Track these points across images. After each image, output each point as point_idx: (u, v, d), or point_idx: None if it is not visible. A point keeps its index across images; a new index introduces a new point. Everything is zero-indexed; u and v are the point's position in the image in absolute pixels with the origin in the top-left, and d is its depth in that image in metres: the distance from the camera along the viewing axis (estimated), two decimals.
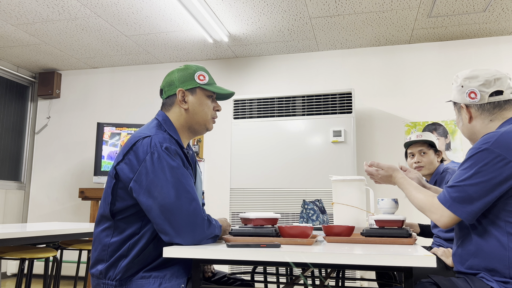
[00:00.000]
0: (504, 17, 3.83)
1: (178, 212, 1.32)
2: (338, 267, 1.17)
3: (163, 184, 1.33)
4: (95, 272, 1.42)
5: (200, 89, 1.56)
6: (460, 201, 1.31)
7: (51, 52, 4.74)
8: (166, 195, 1.32)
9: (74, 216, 5.09)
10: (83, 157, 5.18)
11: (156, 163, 1.35)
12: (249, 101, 4.19)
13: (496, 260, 1.29)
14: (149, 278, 1.37)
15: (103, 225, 1.44)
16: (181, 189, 1.34)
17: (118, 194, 1.40)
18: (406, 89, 4.40)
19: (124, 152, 1.41)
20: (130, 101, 5.14)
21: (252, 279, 2.32)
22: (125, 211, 1.40)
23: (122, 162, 1.40)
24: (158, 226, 1.33)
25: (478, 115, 1.46)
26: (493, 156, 1.28)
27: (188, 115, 1.54)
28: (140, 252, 1.39)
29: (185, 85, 1.54)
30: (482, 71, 1.46)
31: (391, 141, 4.36)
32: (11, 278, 4.98)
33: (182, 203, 1.33)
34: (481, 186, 1.28)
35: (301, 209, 2.25)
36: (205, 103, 1.56)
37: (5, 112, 5.13)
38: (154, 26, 4.05)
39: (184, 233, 1.31)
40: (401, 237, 1.50)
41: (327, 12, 3.73)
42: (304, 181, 3.92)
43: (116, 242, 1.40)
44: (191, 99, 1.54)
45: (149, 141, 1.39)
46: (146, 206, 1.34)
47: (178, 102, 1.54)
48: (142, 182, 1.35)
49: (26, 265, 4.56)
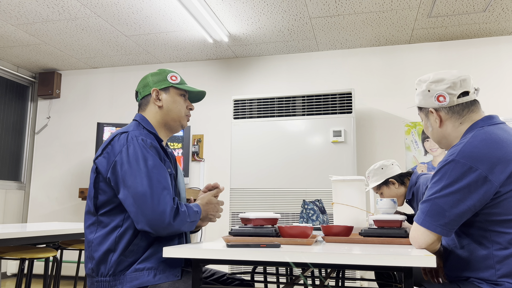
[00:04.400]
0: (504, 17, 3.83)
1: (149, 200, 1.37)
2: (338, 267, 1.17)
3: (136, 174, 1.40)
4: (87, 272, 1.45)
5: (173, 88, 1.66)
6: (432, 215, 1.29)
7: (51, 52, 4.74)
8: (139, 184, 1.38)
9: (74, 216, 5.09)
10: (83, 157, 5.18)
11: (131, 154, 1.42)
12: (249, 101, 4.19)
13: (483, 270, 1.29)
14: (142, 270, 1.40)
15: (87, 221, 1.48)
16: (154, 178, 1.40)
17: (100, 187, 1.45)
18: (406, 89, 4.40)
19: (103, 147, 1.49)
20: (130, 101, 5.14)
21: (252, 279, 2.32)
22: (107, 204, 1.44)
23: (100, 156, 1.47)
24: (132, 214, 1.38)
25: (448, 118, 1.46)
26: (460, 166, 1.27)
27: (163, 112, 1.63)
28: (128, 245, 1.41)
29: (159, 85, 1.65)
30: (446, 73, 1.46)
31: (391, 141, 4.36)
32: (11, 278, 4.98)
33: (154, 192, 1.38)
34: (452, 197, 1.26)
35: (301, 209, 2.25)
36: (178, 101, 1.66)
37: (5, 112, 5.13)
38: (154, 26, 4.05)
39: (154, 220, 1.36)
40: (399, 237, 1.50)
41: (327, 12, 3.73)
42: (304, 181, 3.92)
43: (99, 237, 1.43)
44: (165, 97, 1.64)
45: (126, 135, 1.48)
46: (122, 196, 1.40)
47: (153, 100, 1.64)
48: (117, 172, 1.41)
49: (26, 265, 4.56)
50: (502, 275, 1.26)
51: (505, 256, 1.26)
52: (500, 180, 1.25)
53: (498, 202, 1.26)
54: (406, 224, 2.06)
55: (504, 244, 1.26)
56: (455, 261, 1.38)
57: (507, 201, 1.26)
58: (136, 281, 1.38)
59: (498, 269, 1.27)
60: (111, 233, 1.42)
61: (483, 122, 1.41)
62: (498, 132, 1.34)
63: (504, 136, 1.32)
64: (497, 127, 1.38)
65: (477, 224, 1.31)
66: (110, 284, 1.39)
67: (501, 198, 1.26)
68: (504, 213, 1.26)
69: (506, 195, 1.26)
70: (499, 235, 1.27)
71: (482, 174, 1.25)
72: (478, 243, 1.31)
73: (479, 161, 1.26)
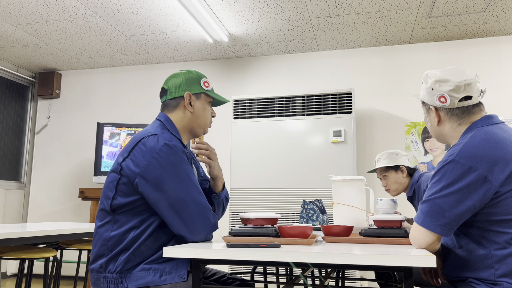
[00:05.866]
0: (504, 17, 3.83)
1: (188, 205, 1.41)
2: (338, 267, 1.17)
3: (171, 179, 1.40)
4: (95, 267, 1.44)
5: (204, 95, 1.64)
6: (431, 215, 1.29)
7: (51, 52, 4.74)
8: (175, 189, 1.40)
9: (74, 216, 5.09)
10: (83, 157, 5.18)
11: (164, 158, 1.41)
12: (249, 101, 4.19)
13: (482, 269, 1.29)
14: (149, 270, 1.40)
15: (102, 220, 1.47)
16: (189, 183, 1.43)
17: (120, 189, 1.44)
18: (406, 89, 4.40)
19: (129, 149, 1.46)
20: (130, 101, 5.14)
21: (252, 279, 2.32)
22: (126, 205, 1.43)
23: (127, 158, 1.45)
24: (167, 219, 1.40)
25: (447, 119, 1.46)
26: (460, 166, 1.27)
27: (191, 118, 1.62)
28: (140, 245, 1.42)
29: (192, 89, 1.62)
30: (452, 74, 1.45)
31: (391, 141, 4.36)
32: (11, 278, 4.98)
33: (191, 196, 1.42)
34: (451, 197, 1.27)
35: (301, 209, 2.25)
36: (207, 109, 1.65)
37: (5, 112, 5.13)
38: (154, 26, 4.05)
39: (194, 225, 1.42)
40: (399, 237, 1.50)
41: (327, 12, 3.73)
42: (304, 181, 3.92)
43: (116, 235, 1.43)
44: (197, 103, 1.62)
45: (155, 138, 1.45)
46: (153, 200, 1.40)
47: (184, 104, 1.61)
48: (149, 176, 1.40)
49: (26, 265, 4.56)
50: (500, 275, 1.26)
51: (504, 256, 1.26)
52: (500, 180, 1.25)
53: (498, 202, 1.26)
54: (406, 224, 2.07)
55: (503, 244, 1.27)
56: (453, 261, 1.38)
57: (507, 201, 1.26)
58: (141, 280, 1.39)
59: (497, 268, 1.27)
60: (127, 233, 1.42)
61: (482, 122, 1.41)
62: (497, 132, 1.34)
63: (504, 136, 1.33)
64: (496, 126, 1.38)
65: (476, 224, 1.31)
66: (116, 281, 1.40)
67: (501, 198, 1.26)
68: (503, 213, 1.26)
69: (506, 195, 1.26)
70: (498, 235, 1.27)
71: (482, 174, 1.25)
72: (477, 242, 1.31)
73: (478, 161, 1.27)
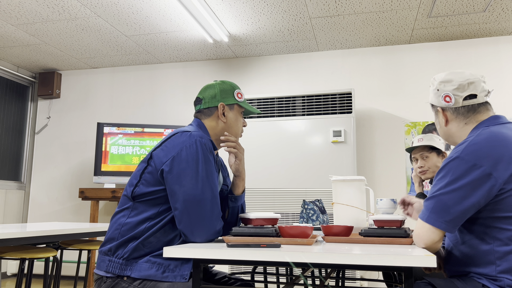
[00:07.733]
0: (504, 17, 3.83)
1: (200, 204, 1.41)
2: (338, 267, 1.17)
3: (192, 175, 1.42)
4: (104, 249, 1.47)
5: (237, 106, 1.69)
6: (436, 212, 1.30)
7: (51, 52, 4.74)
8: (193, 186, 1.42)
9: (74, 216, 5.09)
10: (83, 157, 5.18)
11: (191, 154, 1.44)
12: (249, 101, 4.19)
13: (484, 265, 1.31)
14: (154, 263, 1.42)
15: (122, 206, 1.51)
16: (207, 184, 1.44)
17: (144, 178, 1.48)
18: (406, 89, 4.40)
19: (163, 141, 1.52)
20: (130, 101, 5.14)
21: (252, 279, 2.32)
22: (146, 195, 1.47)
23: (159, 148, 1.50)
24: (176, 211, 1.42)
25: (453, 118, 1.49)
26: (464, 163, 1.29)
27: (224, 128, 1.67)
28: (151, 236, 1.44)
29: (226, 100, 1.67)
30: (456, 74, 1.48)
31: (391, 141, 4.36)
32: (11, 278, 4.98)
33: (206, 197, 1.43)
34: (456, 194, 1.28)
35: (301, 209, 2.25)
36: (239, 119, 1.70)
37: (5, 112, 5.13)
38: (154, 26, 4.05)
39: (198, 226, 1.42)
40: (399, 237, 1.50)
41: (327, 12, 3.73)
42: (304, 181, 3.92)
43: (131, 222, 1.46)
44: (230, 114, 1.67)
45: (188, 134, 1.49)
46: (170, 191, 1.43)
47: (217, 114, 1.65)
48: (173, 168, 1.43)
49: (26, 265, 4.56)
50: (502, 271, 1.28)
51: (506, 252, 1.28)
52: (504, 177, 1.27)
53: (502, 199, 1.28)
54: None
55: (505, 240, 1.28)
56: (456, 256, 1.40)
57: (510, 198, 1.27)
58: (144, 272, 1.40)
59: (498, 265, 1.28)
60: (142, 223, 1.45)
61: (489, 122, 1.43)
62: (503, 131, 1.36)
63: (510, 135, 1.34)
64: (503, 126, 1.40)
65: (479, 220, 1.32)
66: (121, 267, 1.42)
67: (505, 195, 1.28)
68: (506, 210, 1.28)
69: (510, 192, 1.27)
70: (501, 232, 1.29)
71: (486, 171, 1.27)
72: (480, 239, 1.32)
73: (483, 158, 1.28)
